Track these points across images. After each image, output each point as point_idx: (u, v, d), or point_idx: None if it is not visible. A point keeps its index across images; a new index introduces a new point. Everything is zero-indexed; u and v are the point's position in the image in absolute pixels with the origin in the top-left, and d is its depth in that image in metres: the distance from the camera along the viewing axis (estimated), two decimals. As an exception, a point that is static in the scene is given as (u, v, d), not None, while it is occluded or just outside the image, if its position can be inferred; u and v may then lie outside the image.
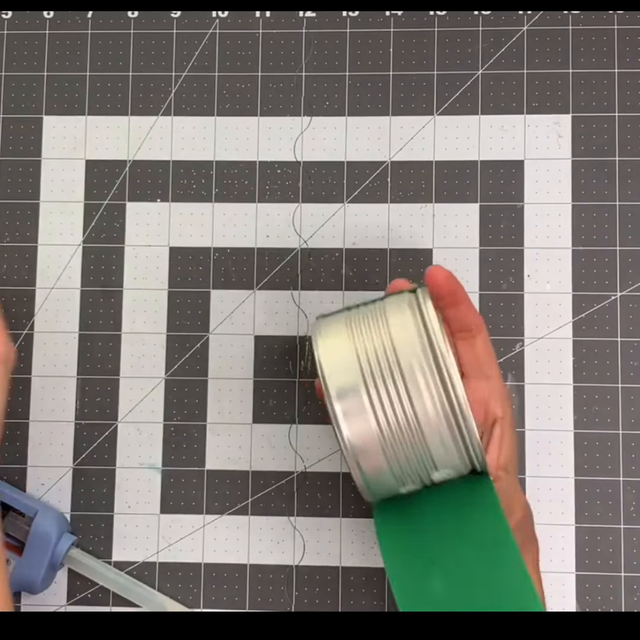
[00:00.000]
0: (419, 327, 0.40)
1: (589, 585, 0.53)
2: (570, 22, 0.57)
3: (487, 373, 0.45)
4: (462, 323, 0.45)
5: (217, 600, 0.54)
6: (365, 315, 0.41)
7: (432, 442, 0.38)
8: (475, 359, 0.45)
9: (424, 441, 0.38)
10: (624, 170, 0.56)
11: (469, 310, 0.45)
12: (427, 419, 0.38)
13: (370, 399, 0.38)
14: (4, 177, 0.58)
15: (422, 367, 0.38)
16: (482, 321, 0.46)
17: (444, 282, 0.44)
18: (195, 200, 0.57)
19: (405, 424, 0.38)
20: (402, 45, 0.57)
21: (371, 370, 0.38)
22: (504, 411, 0.45)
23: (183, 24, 0.58)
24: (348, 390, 0.38)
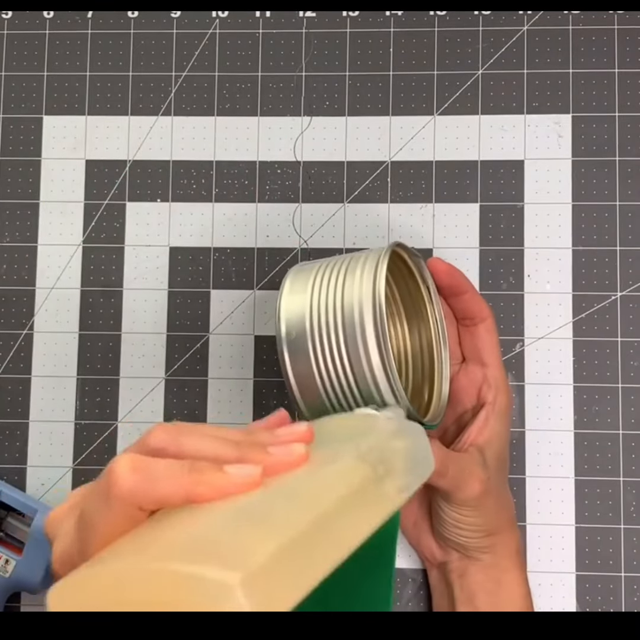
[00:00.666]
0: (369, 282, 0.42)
1: (589, 585, 0.53)
2: (570, 22, 0.57)
3: (485, 360, 0.47)
4: (465, 312, 0.48)
5: (217, 600, 0.54)
6: (332, 268, 0.44)
7: (360, 381, 0.42)
8: (474, 346, 0.48)
9: (354, 380, 0.42)
10: (624, 170, 0.56)
11: (473, 300, 0.47)
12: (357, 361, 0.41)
13: (314, 343, 0.42)
14: (4, 177, 0.58)
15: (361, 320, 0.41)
16: (488, 311, 0.48)
17: (444, 275, 0.46)
18: (195, 200, 0.57)
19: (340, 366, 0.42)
20: (402, 45, 0.57)
21: (318, 321, 0.42)
22: (495, 398, 0.46)
23: (183, 24, 0.58)
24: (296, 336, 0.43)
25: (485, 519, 0.45)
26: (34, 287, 0.57)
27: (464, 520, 0.44)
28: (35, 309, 0.57)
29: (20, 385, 0.56)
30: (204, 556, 0.26)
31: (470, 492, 0.43)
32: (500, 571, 0.46)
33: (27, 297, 0.57)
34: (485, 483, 0.43)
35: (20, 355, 0.56)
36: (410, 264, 0.47)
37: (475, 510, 0.44)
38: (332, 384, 0.42)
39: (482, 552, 0.45)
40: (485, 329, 0.47)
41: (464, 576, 0.46)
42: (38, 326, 0.56)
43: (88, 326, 0.56)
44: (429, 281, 0.48)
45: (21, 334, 0.56)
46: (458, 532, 0.45)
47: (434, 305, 0.48)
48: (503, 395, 0.46)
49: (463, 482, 0.43)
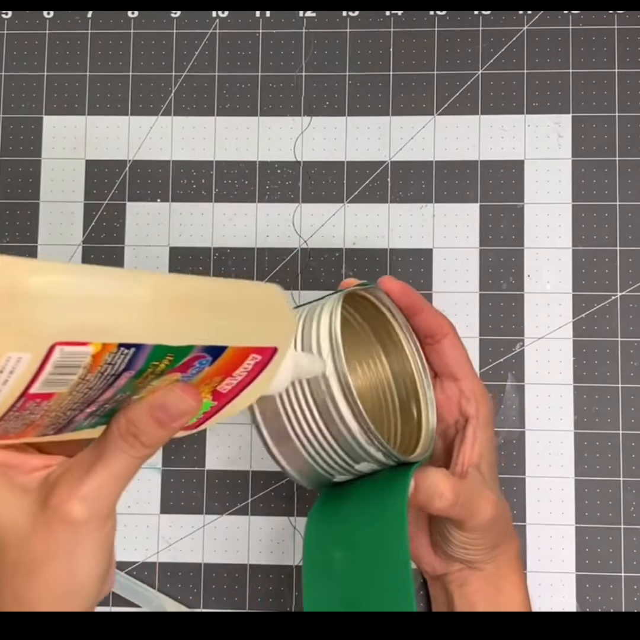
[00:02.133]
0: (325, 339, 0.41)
1: (589, 585, 0.53)
2: (570, 22, 0.57)
3: (456, 375, 0.46)
4: (425, 330, 0.46)
5: (217, 600, 0.54)
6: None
7: (343, 445, 0.41)
8: (442, 362, 0.47)
9: (337, 445, 0.41)
10: (624, 170, 0.56)
11: (430, 317, 0.46)
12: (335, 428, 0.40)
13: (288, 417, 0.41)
14: (4, 177, 0.58)
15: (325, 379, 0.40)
16: (449, 326, 0.46)
17: (398, 295, 0.45)
18: (195, 200, 0.57)
19: (320, 435, 0.41)
20: (402, 45, 0.57)
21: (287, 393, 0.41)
22: (477, 411, 0.45)
23: (183, 24, 0.58)
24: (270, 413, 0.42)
25: (493, 536, 0.44)
26: (34, 287, 0.57)
27: (473, 542, 0.44)
28: (35, 309, 0.57)
29: (20, 385, 0.56)
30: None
31: (484, 516, 0.42)
32: (500, 578, 0.45)
33: (27, 297, 0.57)
34: (495, 503, 0.43)
35: (20, 355, 0.56)
36: (369, 297, 0.46)
37: (486, 531, 0.43)
38: (316, 449, 0.41)
39: (486, 563, 0.45)
40: (450, 344, 0.46)
41: (464, 585, 0.45)
42: (38, 326, 0.56)
43: (88, 326, 0.56)
44: (391, 307, 0.46)
45: (21, 334, 0.56)
46: (466, 552, 0.44)
47: (403, 328, 0.47)
48: (483, 405, 0.46)
49: (475, 508, 0.42)
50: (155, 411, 0.31)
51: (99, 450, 0.31)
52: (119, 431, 0.31)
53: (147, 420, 0.31)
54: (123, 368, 0.29)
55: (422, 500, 0.41)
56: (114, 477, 0.31)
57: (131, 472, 0.32)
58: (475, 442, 0.45)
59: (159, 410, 0.31)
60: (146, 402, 0.31)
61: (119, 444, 0.31)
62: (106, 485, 0.31)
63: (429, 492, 0.40)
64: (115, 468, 0.31)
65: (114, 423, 0.31)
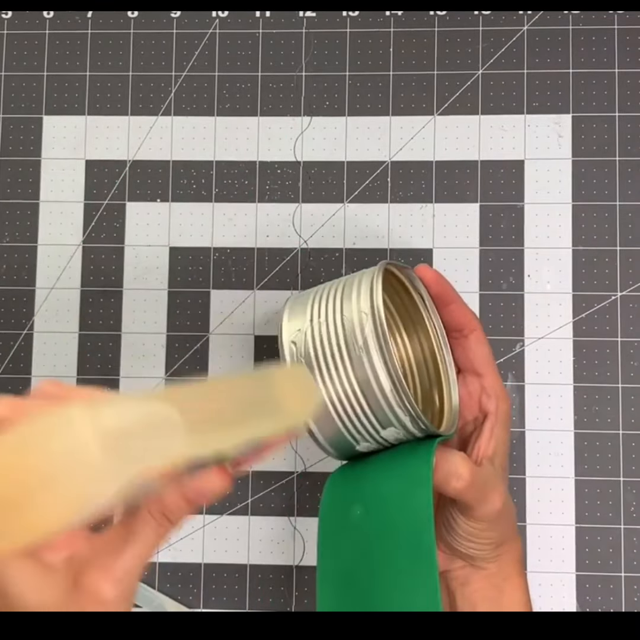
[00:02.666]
0: (366, 299, 0.42)
1: (589, 585, 0.53)
2: (570, 22, 0.57)
3: (480, 371, 0.47)
4: (453, 323, 0.47)
5: (217, 600, 0.54)
6: (327, 295, 0.44)
7: (373, 404, 0.41)
8: (467, 358, 0.47)
9: (367, 404, 0.41)
10: (624, 170, 0.56)
11: (460, 311, 0.46)
12: (367, 383, 0.41)
13: (321, 374, 0.42)
14: (4, 177, 0.58)
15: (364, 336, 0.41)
16: (477, 322, 0.47)
17: (432, 282, 0.46)
18: (195, 200, 0.57)
19: (351, 392, 0.42)
20: (402, 45, 0.57)
21: (322, 347, 0.42)
22: (497, 407, 0.46)
23: (183, 24, 0.58)
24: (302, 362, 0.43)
25: (499, 531, 0.44)
26: (34, 287, 0.57)
27: (478, 534, 0.44)
28: (35, 309, 0.57)
29: (20, 385, 0.56)
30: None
31: (493, 505, 0.42)
32: (503, 579, 0.45)
33: (27, 297, 0.57)
34: (504, 497, 0.43)
35: (20, 355, 0.56)
36: (401, 277, 0.47)
37: (492, 523, 0.43)
38: (345, 409, 0.42)
39: (488, 562, 0.45)
40: (476, 340, 0.47)
41: (466, 584, 0.45)
42: (38, 326, 0.56)
43: (88, 326, 0.56)
44: (421, 289, 0.47)
45: (21, 334, 0.56)
46: (469, 544, 0.44)
47: (429, 312, 0.48)
48: (503, 402, 0.46)
49: (485, 496, 0.42)
50: (189, 492, 0.33)
51: (126, 531, 0.33)
52: (150, 512, 0.33)
53: (178, 500, 0.33)
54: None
55: (440, 480, 0.41)
56: (142, 556, 0.33)
57: (155, 548, 0.34)
58: (492, 437, 0.45)
59: (192, 491, 0.33)
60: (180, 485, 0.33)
61: (148, 523, 0.33)
62: (135, 566, 0.33)
63: (448, 472, 0.41)
64: (143, 547, 0.33)
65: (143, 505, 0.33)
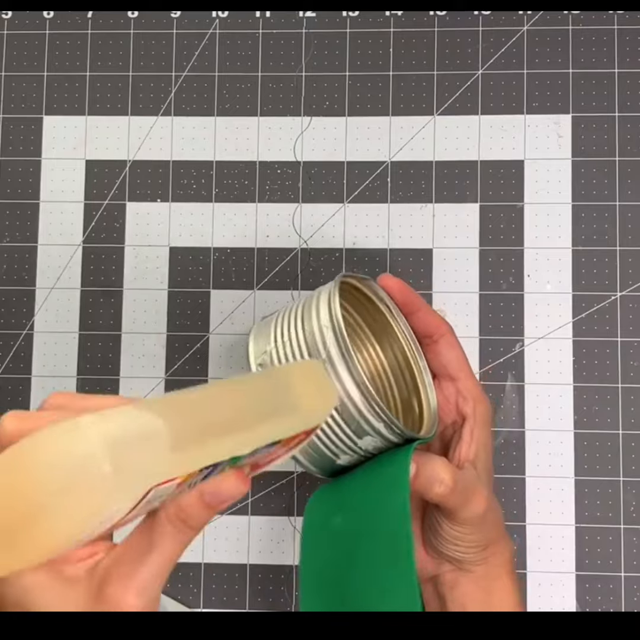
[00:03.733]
0: (325, 313, 0.42)
1: (589, 585, 0.53)
2: (570, 22, 0.57)
3: (454, 374, 0.47)
4: (423, 330, 0.47)
5: (217, 600, 0.54)
6: (289, 313, 0.44)
7: (345, 415, 0.41)
8: (440, 362, 0.47)
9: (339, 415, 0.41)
10: (624, 170, 0.56)
11: (427, 317, 0.47)
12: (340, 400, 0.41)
13: None
14: (4, 177, 0.58)
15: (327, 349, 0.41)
16: (446, 326, 0.47)
17: (395, 292, 0.46)
18: (195, 200, 0.57)
19: None
20: (402, 45, 0.57)
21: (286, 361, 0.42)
22: (474, 409, 0.45)
23: (183, 24, 0.58)
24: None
25: (484, 534, 0.44)
26: (34, 287, 0.57)
27: (463, 537, 0.44)
28: (35, 309, 0.57)
29: (20, 385, 0.56)
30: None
31: (476, 509, 0.42)
32: (491, 580, 0.45)
33: (27, 297, 0.57)
34: (487, 500, 0.43)
35: (20, 355, 0.56)
36: (362, 289, 0.47)
37: (477, 526, 0.43)
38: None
39: (476, 564, 0.45)
40: (447, 344, 0.47)
41: (455, 588, 0.45)
42: (38, 326, 0.56)
43: (88, 326, 0.56)
44: (385, 299, 0.47)
45: (21, 334, 0.56)
46: (456, 548, 0.44)
47: (397, 320, 0.47)
48: (481, 404, 0.46)
49: (468, 500, 0.42)
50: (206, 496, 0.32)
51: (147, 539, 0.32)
52: (168, 518, 0.32)
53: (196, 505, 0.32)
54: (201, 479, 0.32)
55: (422, 485, 0.41)
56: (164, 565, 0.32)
57: (178, 556, 0.33)
58: (472, 441, 0.45)
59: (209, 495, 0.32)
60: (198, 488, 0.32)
61: (168, 530, 0.32)
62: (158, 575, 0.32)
63: (429, 478, 0.41)
64: (165, 556, 0.32)
65: (162, 511, 0.32)
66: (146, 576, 0.32)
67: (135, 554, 0.32)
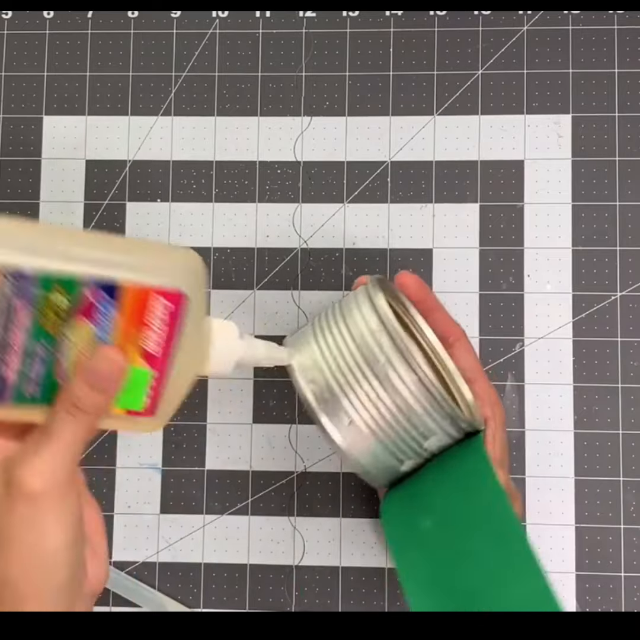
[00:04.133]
0: (372, 316, 0.42)
1: (589, 585, 0.53)
2: (570, 22, 0.57)
3: (470, 378, 0.47)
4: (437, 332, 0.47)
5: (217, 600, 0.54)
6: (328, 323, 0.44)
7: (412, 416, 0.41)
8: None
9: (405, 419, 0.41)
10: (624, 170, 0.56)
11: (444, 320, 0.47)
12: (401, 398, 0.41)
13: (352, 404, 0.41)
14: (4, 177, 0.58)
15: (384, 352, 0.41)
16: (460, 330, 0.47)
17: (413, 287, 0.46)
18: (195, 200, 0.57)
19: (387, 412, 0.41)
20: (402, 45, 0.57)
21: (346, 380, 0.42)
22: (494, 412, 0.46)
23: (183, 24, 0.58)
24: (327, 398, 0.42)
25: None
26: (34, 287, 0.57)
27: None
28: (35, 309, 0.57)
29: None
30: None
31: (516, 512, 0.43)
32: None
33: (27, 297, 0.57)
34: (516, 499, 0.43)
35: (20, 355, 0.56)
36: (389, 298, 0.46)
37: None
38: (384, 431, 0.41)
39: None
40: (461, 348, 0.47)
41: None
42: (38, 326, 0.56)
43: (88, 326, 0.56)
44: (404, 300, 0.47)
45: (21, 334, 0.56)
46: None
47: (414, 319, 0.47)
48: (498, 406, 0.46)
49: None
50: (88, 376, 0.34)
51: (46, 426, 0.34)
52: (60, 403, 0.34)
53: (82, 387, 0.34)
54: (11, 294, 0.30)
55: None
56: (64, 447, 0.34)
57: (80, 440, 0.34)
58: (495, 442, 0.45)
59: (90, 375, 0.34)
60: (78, 370, 0.34)
61: (62, 415, 0.34)
62: (58, 456, 0.33)
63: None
64: (63, 439, 0.34)
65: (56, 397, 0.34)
66: (44, 458, 0.33)
67: (36, 442, 0.34)
